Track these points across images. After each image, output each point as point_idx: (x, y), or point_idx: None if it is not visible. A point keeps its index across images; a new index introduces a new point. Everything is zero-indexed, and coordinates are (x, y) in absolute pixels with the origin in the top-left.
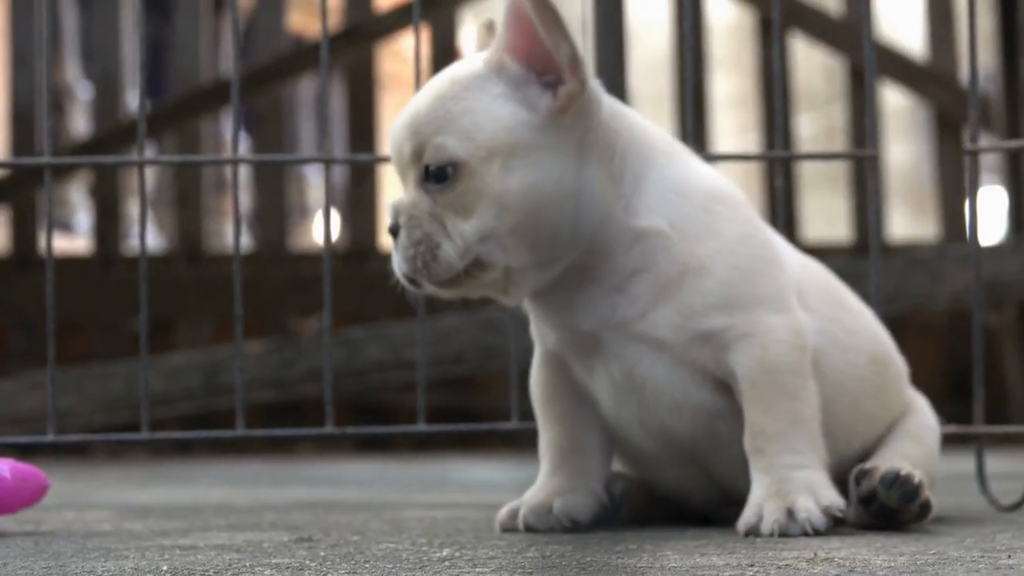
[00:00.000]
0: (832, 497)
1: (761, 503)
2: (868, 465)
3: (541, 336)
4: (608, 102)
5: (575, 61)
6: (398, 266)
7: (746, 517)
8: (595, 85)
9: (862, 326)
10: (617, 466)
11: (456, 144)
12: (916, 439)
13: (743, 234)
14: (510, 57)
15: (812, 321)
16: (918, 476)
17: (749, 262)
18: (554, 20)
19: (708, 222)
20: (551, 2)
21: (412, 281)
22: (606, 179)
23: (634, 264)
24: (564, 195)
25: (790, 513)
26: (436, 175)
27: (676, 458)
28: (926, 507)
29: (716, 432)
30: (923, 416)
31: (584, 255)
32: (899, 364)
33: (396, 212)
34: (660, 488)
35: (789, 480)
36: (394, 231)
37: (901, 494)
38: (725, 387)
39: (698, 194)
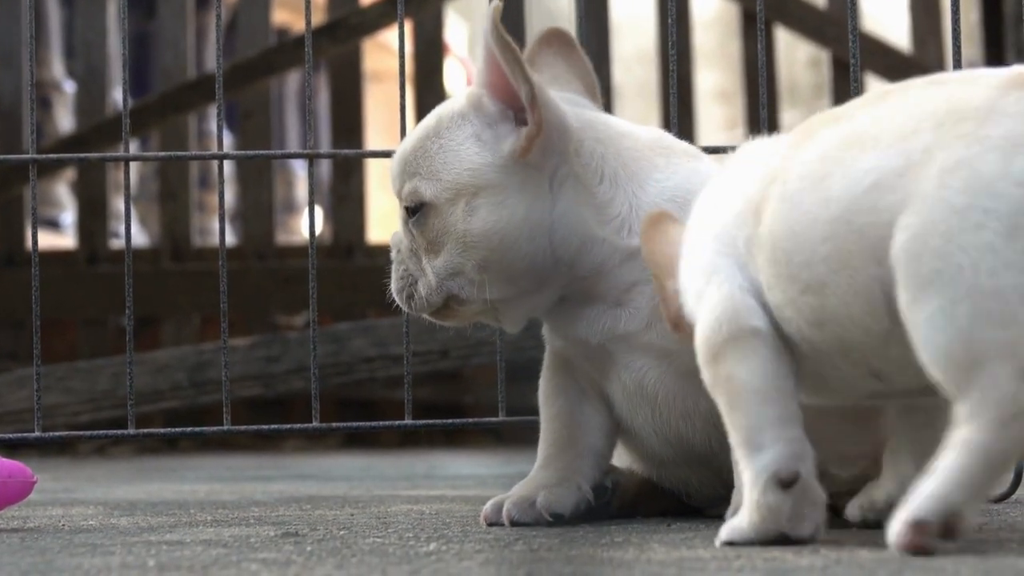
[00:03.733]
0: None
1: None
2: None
3: (551, 337)
4: (591, 129)
5: (533, 102)
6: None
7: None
8: (564, 119)
9: None
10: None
11: (425, 185)
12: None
13: None
14: (488, 93)
15: None
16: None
17: None
18: (514, 59)
19: None
20: (510, 40)
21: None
22: (590, 206)
23: (632, 277)
24: (534, 229)
25: None
26: (412, 212)
27: (689, 461)
28: None
29: None
30: None
31: (579, 278)
32: None
33: (392, 245)
34: (667, 485)
35: None
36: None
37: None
38: None
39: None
